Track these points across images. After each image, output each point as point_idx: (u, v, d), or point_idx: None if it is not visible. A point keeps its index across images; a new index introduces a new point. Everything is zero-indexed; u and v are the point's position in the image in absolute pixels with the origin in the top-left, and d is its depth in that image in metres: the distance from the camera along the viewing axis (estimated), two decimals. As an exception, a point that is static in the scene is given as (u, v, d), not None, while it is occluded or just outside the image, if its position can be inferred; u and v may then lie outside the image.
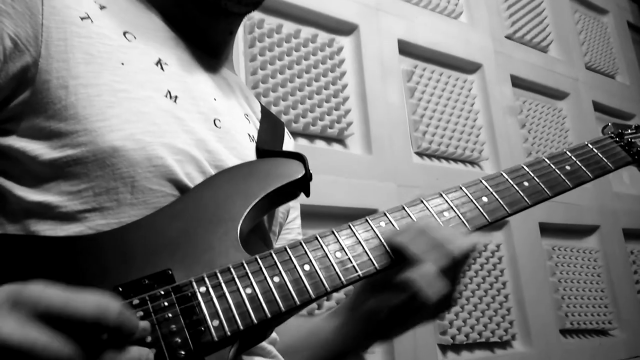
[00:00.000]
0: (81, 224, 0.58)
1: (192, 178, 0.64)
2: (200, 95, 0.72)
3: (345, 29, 1.90)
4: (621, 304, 2.39)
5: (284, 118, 1.62)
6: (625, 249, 2.57)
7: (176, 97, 0.67)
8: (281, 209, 0.83)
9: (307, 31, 1.78)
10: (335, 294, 1.60)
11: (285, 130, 0.94)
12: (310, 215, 1.29)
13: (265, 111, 0.90)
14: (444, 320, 1.80)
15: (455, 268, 0.63)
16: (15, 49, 0.58)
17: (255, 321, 0.54)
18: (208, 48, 0.81)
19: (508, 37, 2.51)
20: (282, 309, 0.56)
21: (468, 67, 2.28)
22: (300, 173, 0.71)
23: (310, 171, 0.73)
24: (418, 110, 2.01)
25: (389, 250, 0.64)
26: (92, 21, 0.64)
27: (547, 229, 2.27)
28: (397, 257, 0.64)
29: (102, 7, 0.67)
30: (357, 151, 1.80)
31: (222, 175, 0.67)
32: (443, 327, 1.79)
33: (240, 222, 0.62)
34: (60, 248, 0.55)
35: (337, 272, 0.61)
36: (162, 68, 0.69)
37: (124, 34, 0.68)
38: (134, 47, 0.67)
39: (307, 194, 0.74)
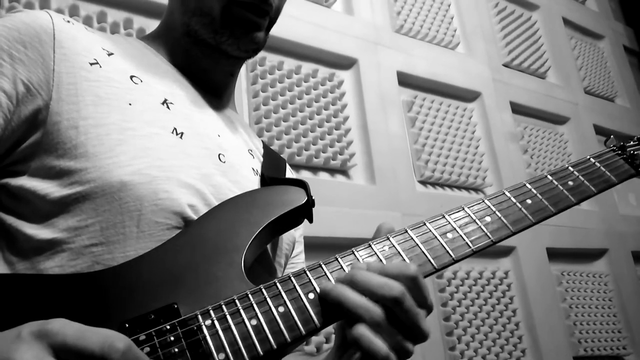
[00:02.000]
0: (88, 258, 0.59)
1: (197, 211, 0.66)
2: (205, 131, 0.75)
3: (345, 63, 1.94)
4: (635, 328, 2.35)
5: (287, 151, 1.64)
6: (636, 272, 2.54)
7: (182, 133, 0.70)
8: (286, 240, 0.84)
9: (307, 67, 1.82)
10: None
11: (287, 166, 0.96)
12: (315, 247, 1.29)
13: (267, 148, 0.93)
14: (455, 350, 1.77)
15: (401, 310, 0.57)
16: (28, 93, 0.62)
17: (262, 353, 0.54)
18: (211, 89, 0.85)
19: (506, 65, 2.56)
20: (288, 339, 0.55)
21: (467, 96, 2.31)
22: (302, 199, 0.72)
23: (313, 197, 0.73)
24: (419, 139, 2.03)
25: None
26: (100, 66, 0.68)
27: (555, 254, 2.26)
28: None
29: (110, 54, 0.71)
30: (361, 182, 1.82)
31: (225, 205, 0.67)
32: (454, 358, 1.76)
33: (244, 252, 0.63)
34: (68, 286, 0.55)
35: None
36: (168, 107, 0.72)
37: (131, 77, 0.71)
38: (140, 89, 0.70)
39: (310, 221, 0.75)
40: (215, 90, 0.85)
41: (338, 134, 1.78)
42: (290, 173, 0.96)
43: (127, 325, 0.53)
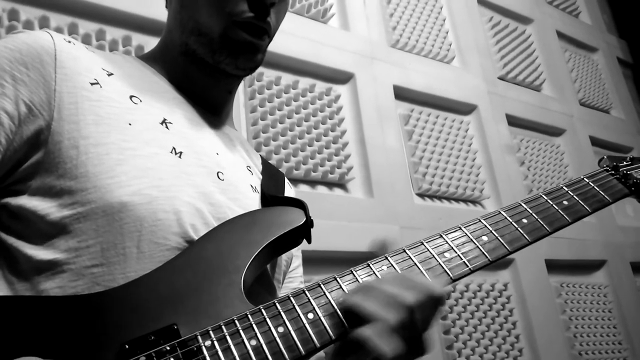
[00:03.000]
0: (89, 279, 0.59)
1: (197, 230, 0.66)
2: (204, 150, 0.75)
3: (341, 77, 1.95)
4: (635, 340, 2.34)
5: (285, 166, 1.65)
6: (635, 282, 2.54)
7: (181, 152, 0.71)
8: (284, 257, 0.84)
9: (305, 81, 1.83)
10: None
11: (286, 180, 0.97)
12: (314, 261, 1.29)
13: (265, 163, 0.93)
14: (455, 363, 1.77)
15: (414, 320, 0.60)
16: (30, 113, 0.63)
17: (261, 373, 0.54)
18: (209, 107, 0.85)
19: (501, 78, 2.58)
20: None
21: (463, 109, 2.32)
22: (301, 220, 0.72)
23: (312, 217, 0.74)
24: (417, 152, 2.04)
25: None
26: (100, 86, 0.69)
27: (554, 266, 2.26)
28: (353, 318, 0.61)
29: (109, 74, 0.72)
30: (359, 195, 1.82)
31: (225, 226, 0.68)
32: (454, 371, 1.76)
33: (244, 272, 0.63)
34: (68, 307, 0.56)
35: (341, 319, 0.60)
36: (166, 127, 0.72)
37: (131, 97, 0.72)
38: (140, 109, 0.71)
39: (309, 241, 0.75)
40: (213, 108, 0.86)
41: (336, 148, 1.79)
42: (289, 187, 0.97)
43: (127, 347, 0.53)
